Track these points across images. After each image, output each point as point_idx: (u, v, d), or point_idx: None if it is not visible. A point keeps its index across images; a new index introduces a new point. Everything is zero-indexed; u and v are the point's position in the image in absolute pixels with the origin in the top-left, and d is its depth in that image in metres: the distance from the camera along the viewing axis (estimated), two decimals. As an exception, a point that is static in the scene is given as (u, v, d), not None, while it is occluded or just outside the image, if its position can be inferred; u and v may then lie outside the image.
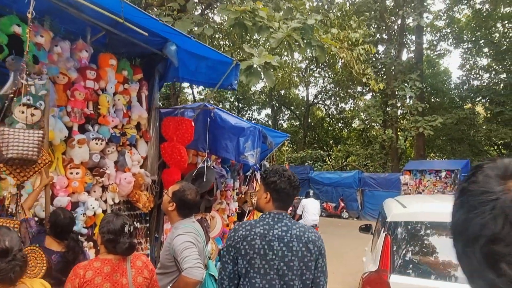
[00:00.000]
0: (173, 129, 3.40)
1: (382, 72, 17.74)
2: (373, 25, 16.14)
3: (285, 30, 5.52)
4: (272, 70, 5.21)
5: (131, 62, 3.59)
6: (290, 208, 6.63)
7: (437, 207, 3.41)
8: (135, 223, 3.43)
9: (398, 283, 2.63)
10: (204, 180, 3.24)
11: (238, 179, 5.87)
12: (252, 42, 13.07)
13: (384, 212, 3.61)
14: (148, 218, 3.58)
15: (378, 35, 18.53)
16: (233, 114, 4.01)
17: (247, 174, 6.38)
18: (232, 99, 28.85)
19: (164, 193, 2.29)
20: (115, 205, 3.26)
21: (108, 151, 3.21)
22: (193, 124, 3.38)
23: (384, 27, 18.56)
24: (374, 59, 16.97)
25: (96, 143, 3.02)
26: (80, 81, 3.00)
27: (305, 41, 6.17)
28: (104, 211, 3.17)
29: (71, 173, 2.87)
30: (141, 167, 3.51)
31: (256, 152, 3.63)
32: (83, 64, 3.03)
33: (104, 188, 3.17)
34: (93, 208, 2.98)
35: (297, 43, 5.88)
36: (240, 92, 27.36)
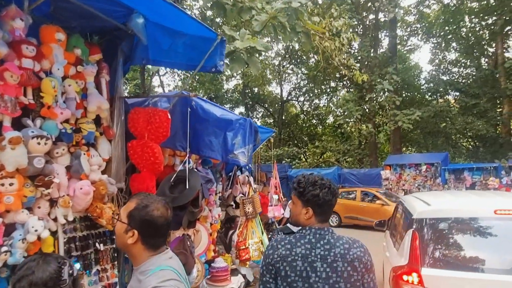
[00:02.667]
0: (144, 123, 2.66)
1: (358, 66, 17.58)
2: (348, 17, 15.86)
3: (270, 11, 4.88)
4: (257, 55, 4.56)
5: (86, 40, 2.82)
6: (283, 211, 5.95)
7: (458, 203, 3.71)
8: (97, 244, 2.67)
9: (429, 275, 2.87)
10: (187, 187, 2.54)
11: (220, 182, 5.17)
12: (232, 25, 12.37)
13: (407, 210, 3.81)
14: (114, 237, 2.82)
15: (351, 29, 18.39)
16: (218, 105, 3.31)
17: (229, 174, 5.71)
18: (204, 98, 27.98)
19: (114, 218, 1.55)
20: (69, 223, 2.49)
21: (57, 153, 2.43)
22: (169, 116, 2.67)
23: (359, 22, 18.39)
24: (351, 52, 16.72)
25: (38, 143, 2.23)
26: (13, 59, 2.21)
27: (289, 26, 5.57)
28: (54, 233, 2.40)
29: (2, 185, 2.09)
30: (103, 172, 2.74)
31: (247, 149, 2.98)
32: (17, 37, 2.24)
33: (53, 203, 2.39)
34: (36, 230, 2.19)
35: (282, 28, 5.26)
36: (213, 90, 26.71)
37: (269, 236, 6.85)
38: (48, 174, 2.30)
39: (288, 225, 7.17)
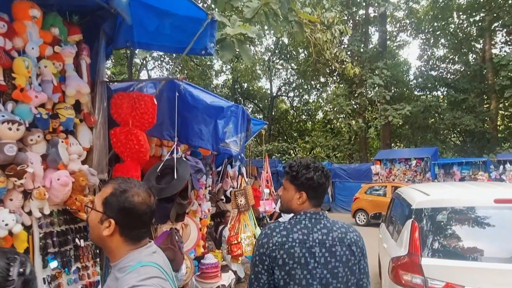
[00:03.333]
0: (128, 109, 2.46)
1: (349, 59, 17.54)
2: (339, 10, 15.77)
3: (262, -2, 4.68)
4: (249, 44, 4.38)
5: (65, 19, 2.60)
6: (275, 205, 5.81)
7: (457, 193, 3.68)
8: (77, 240, 2.47)
9: (429, 265, 2.89)
10: (175, 177, 2.35)
11: (210, 175, 4.99)
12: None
13: (405, 201, 3.79)
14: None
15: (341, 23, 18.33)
16: (208, 91, 3.13)
17: (218, 169, 5.53)
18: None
19: (87, 207, 1.34)
20: (46, 217, 2.28)
21: (31, 140, 2.22)
22: (155, 102, 2.47)
23: (349, 17, 18.32)
24: (342, 47, 16.65)
25: (10, 128, 2.02)
26: (-20, 35, 1.99)
27: (281, 14, 5.40)
28: (28, 228, 2.19)
29: (-32, 175, 1.88)
30: (83, 162, 2.54)
31: (240, 138, 2.80)
32: (-16, 11, 2.02)
33: (27, 195, 2.18)
34: (7, 225, 1.99)
35: (274, 16, 5.08)
36: (202, 85, 26.44)
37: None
38: (21, 163, 2.09)
39: (280, 219, 7.07)
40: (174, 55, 19.81)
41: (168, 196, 2.29)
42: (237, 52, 4.40)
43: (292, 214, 1.71)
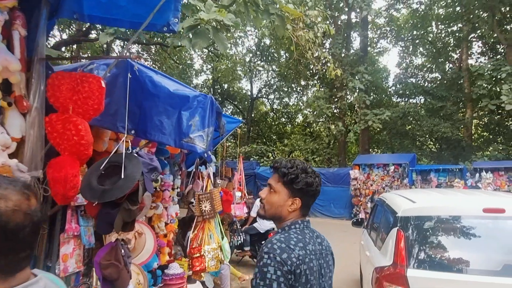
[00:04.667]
0: (68, 92, 2.01)
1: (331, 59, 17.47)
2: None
3: (241, -16, 4.32)
4: (224, 32, 3.99)
5: (-5, -19, 2.13)
6: (246, 210, 5.38)
7: (444, 201, 3.50)
8: None
9: (415, 277, 2.73)
10: (122, 176, 1.92)
11: (179, 176, 4.55)
12: None
13: (390, 207, 3.61)
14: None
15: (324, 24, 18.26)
16: (173, 78, 2.70)
17: (190, 170, 5.08)
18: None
19: None
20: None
21: None
22: (103, 84, 2.03)
23: (331, 21, 18.25)
24: (324, 50, 16.53)
25: None
26: None
27: (262, 4, 5.05)
28: None
29: None
30: (12, 156, 2.06)
31: (207, 133, 2.40)
32: None
33: None
34: None
35: (255, 6, 4.72)
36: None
37: (230, 239, 6.29)
38: None
39: (255, 225, 6.67)
40: (154, 47, 19.14)
41: (112, 199, 1.86)
42: (211, 41, 4.02)
43: (270, 222, 1.62)
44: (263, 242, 6.48)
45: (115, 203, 1.92)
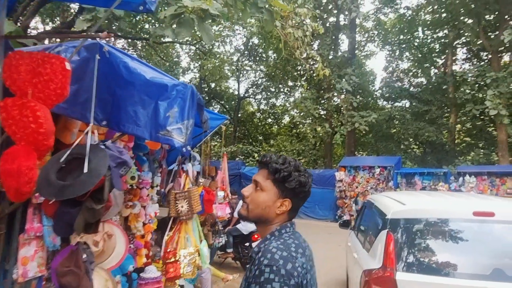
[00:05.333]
0: (28, 74, 1.77)
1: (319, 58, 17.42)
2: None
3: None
4: (210, 21, 3.78)
5: None
6: (229, 210, 5.15)
7: (434, 204, 3.49)
8: None
9: (404, 280, 2.68)
10: (85, 170, 1.68)
11: (159, 173, 4.31)
12: None
13: (379, 209, 3.56)
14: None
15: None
16: (150, 65, 2.48)
17: (171, 168, 4.84)
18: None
19: None
20: None
21: None
22: (68, 66, 1.80)
23: (320, 23, 18.22)
24: (312, 49, 16.47)
25: None
26: None
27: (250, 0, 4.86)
28: None
29: None
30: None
31: (186, 126, 2.19)
32: None
33: None
34: None
35: (242, -2, 4.52)
36: (167, 82, 25.50)
37: (212, 241, 6.04)
38: None
39: (238, 226, 6.45)
40: (139, 43, 18.73)
41: (73, 197, 1.62)
42: (196, 32, 3.81)
43: (252, 224, 1.43)
44: (246, 244, 6.28)
45: (77, 201, 1.69)
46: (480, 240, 2.95)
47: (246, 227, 6.08)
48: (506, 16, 13.88)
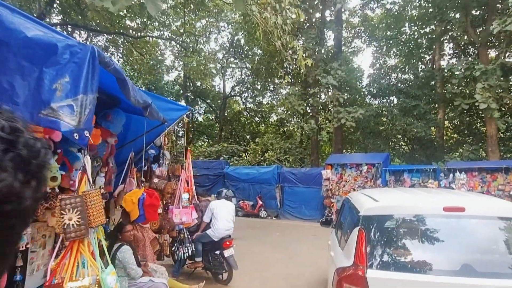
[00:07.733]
0: None
1: (302, 47, 16.87)
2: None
3: None
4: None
5: None
6: (196, 215, 4.46)
7: (406, 200, 3.44)
8: None
9: (375, 278, 2.69)
10: None
11: (103, 172, 3.64)
12: None
13: (354, 206, 3.56)
14: None
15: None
16: (39, 20, 1.80)
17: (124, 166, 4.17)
18: (142, 89, 25.60)
19: None
20: None
21: None
22: None
23: (306, 19, 17.68)
24: (295, 40, 15.90)
25: None
26: None
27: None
28: None
29: None
30: None
31: (81, 102, 1.53)
32: None
33: None
34: None
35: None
36: (152, 81, 24.86)
37: (175, 247, 5.35)
38: None
39: (208, 232, 5.77)
40: (121, 39, 17.87)
41: None
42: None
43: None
44: (217, 252, 5.58)
45: None
46: (450, 236, 2.94)
47: (216, 233, 5.40)
48: (497, 6, 13.46)
